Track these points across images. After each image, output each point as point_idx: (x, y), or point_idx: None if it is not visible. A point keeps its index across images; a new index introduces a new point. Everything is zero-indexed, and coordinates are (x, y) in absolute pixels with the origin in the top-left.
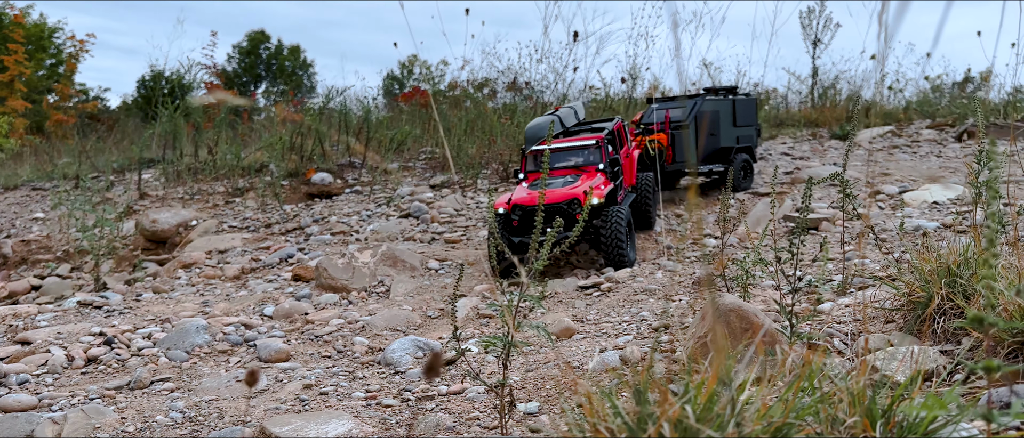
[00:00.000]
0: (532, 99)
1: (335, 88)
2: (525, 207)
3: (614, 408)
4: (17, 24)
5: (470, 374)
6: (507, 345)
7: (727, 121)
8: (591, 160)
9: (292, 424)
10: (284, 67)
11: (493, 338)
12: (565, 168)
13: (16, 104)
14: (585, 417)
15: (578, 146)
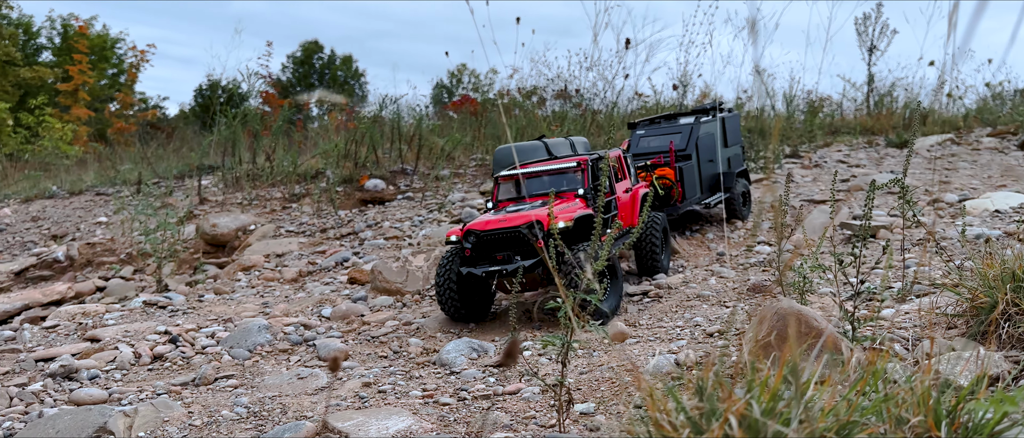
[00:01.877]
0: (582, 106)
1: (389, 96)
2: (479, 233)
3: (678, 404)
4: (81, 35)
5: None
6: (566, 345)
7: (720, 143)
8: (572, 185)
9: (353, 420)
10: (336, 77)
11: (552, 337)
12: (542, 195)
13: (80, 112)
14: (648, 414)
15: (556, 169)
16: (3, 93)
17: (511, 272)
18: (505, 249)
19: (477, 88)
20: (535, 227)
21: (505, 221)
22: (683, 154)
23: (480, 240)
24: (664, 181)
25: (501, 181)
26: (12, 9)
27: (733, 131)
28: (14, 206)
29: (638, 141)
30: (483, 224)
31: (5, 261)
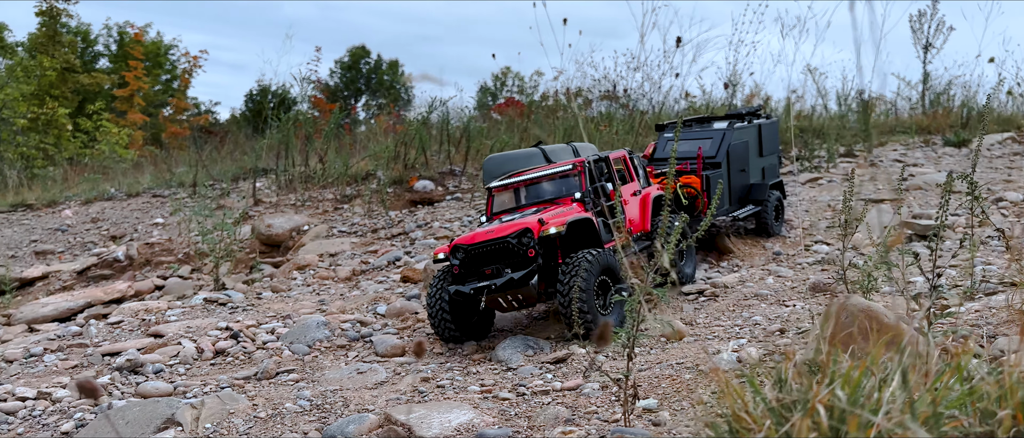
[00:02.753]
0: (628, 107)
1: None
2: (467, 248)
3: (758, 395)
4: (137, 42)
5: (589, 369)
6: (632, 338)
7: (754, 152)
8: (570, 190)
9: (415, 412)
10: (383, 81)
11: (617, 330)
12: (539, 203)
13: (135, 117)
14: (725, 406)
15: (552, 174)
16: (62, 99)
17: (500, 286)
18: (494, 262)
19: (522, 90)
20: (525, 236)
21: (493, 232)
22: (712, 161)
23: (468, 255)
24: (689, 190)
25: (495, 192)
26: (71, 17)
27: (770, 139)
28: (74, 208)
29: (664, 144)
30: (470, 238)
31: (67, 261)
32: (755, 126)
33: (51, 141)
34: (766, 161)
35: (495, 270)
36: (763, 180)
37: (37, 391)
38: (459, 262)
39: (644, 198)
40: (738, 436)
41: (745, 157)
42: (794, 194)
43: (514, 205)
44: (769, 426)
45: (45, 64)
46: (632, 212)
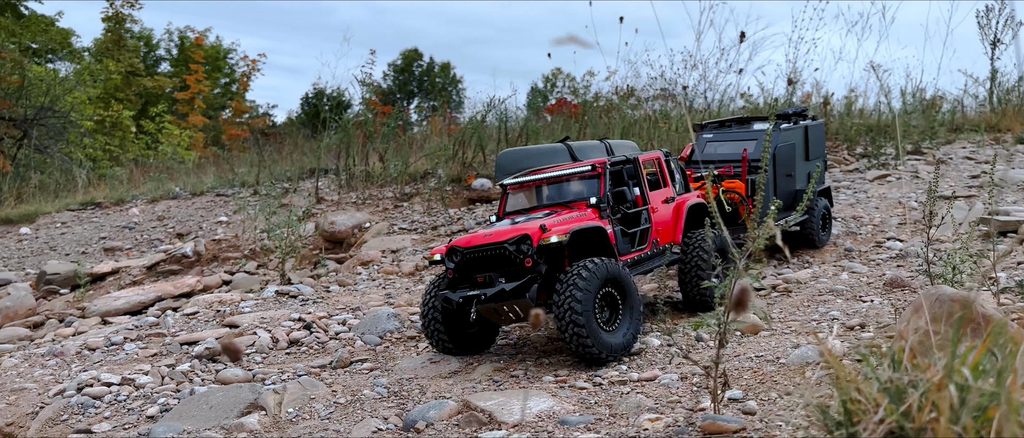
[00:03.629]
0: (687, 105)
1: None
2: (463, 251)
3: (873, 376)
4: (197, 46)
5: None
6: (723, 325)
7: (801, 154)
8: (591, 193)
9: (494, 399)
10: (435, 83)
11: (707, 317)
12: (557, 205)
13: (196, 120)
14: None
15: (569, 175)
16: (127, 102)
17: (490, 297)
18: (490, 269)
19: (574, 91)
20: (524, 243)
21: (491, 236)
22: (757, 165)
23: (464, 259)
24: (732, 195)
25: (510, 190)
26: (136, 23)
27: (816, 143)
28: (141, 206)
29: (704, 146)
30: (468, 240)
31: (135, 257)
32: (801, 128)
33: (116, 142)
34: (812, 166)
35: (487, 279)
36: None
37: (121, 377)
38: (454, 266)
39: (678, 206)
40: (852, 417)
41: (791, 161)
42: (863, 191)
43: (529, 206)
44: (887, 406)
45: (110, 68)
46: (662, 221)
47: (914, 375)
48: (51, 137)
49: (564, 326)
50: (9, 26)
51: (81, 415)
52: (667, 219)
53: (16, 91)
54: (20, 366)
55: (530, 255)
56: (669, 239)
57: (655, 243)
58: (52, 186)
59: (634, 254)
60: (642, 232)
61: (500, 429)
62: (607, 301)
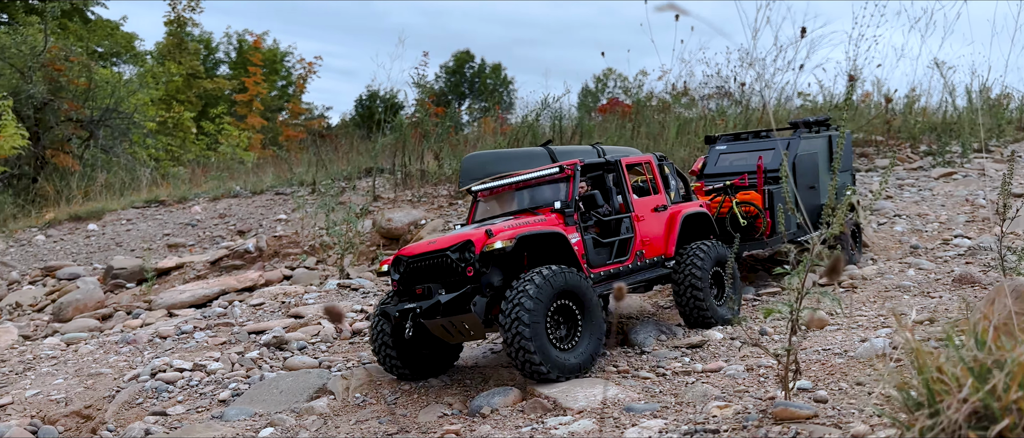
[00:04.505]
0: (742, 103)
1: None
2: (406, 260)
3: (957, 356)
4: (255, 49)
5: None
6: (795, 312)
7: (825, 165)
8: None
9: (557, 387)
10: (486, 85)
11: (779, 304)
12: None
13: (254, 121)
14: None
15: (534, 179)
16: (187, 103)
17: (426, 311)
18: (432, 280)
19: (626, 91)
20: (467, 250)
21: (435, 243)
22: (775, 176)
23: (408, 269)
24: (748, 208)
25: (481, 197)
26: (196, 26)
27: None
28: (203, 204)
29: (717, 159)
30: (412, 248)
31: (198, 253)
32: (824, 137)
33: (177, 143)
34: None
35: (426, 290)
36: None
37: (193, 363)
38: (399, 278)
39: (672, 216)
40: (935, 397)
41: (814, 172)
42: (928, 189)
43: (500, 212)
44: (972, 384)
45: (172, 71)
46: (650, 231)
47: (999, 354)
48: (116, 137)
49: (509, 340)
50: (77, 31)
51: (155, 398)
52: (657, 229)
53: (83, 93)
54: (95, 353)
55: (472, 263)
56: (659, 251)
57: (639, 255)
58: (117, 184)
59: (610, 267)
60: (622, 243)
61: (565, 415)
62: (564, 316)
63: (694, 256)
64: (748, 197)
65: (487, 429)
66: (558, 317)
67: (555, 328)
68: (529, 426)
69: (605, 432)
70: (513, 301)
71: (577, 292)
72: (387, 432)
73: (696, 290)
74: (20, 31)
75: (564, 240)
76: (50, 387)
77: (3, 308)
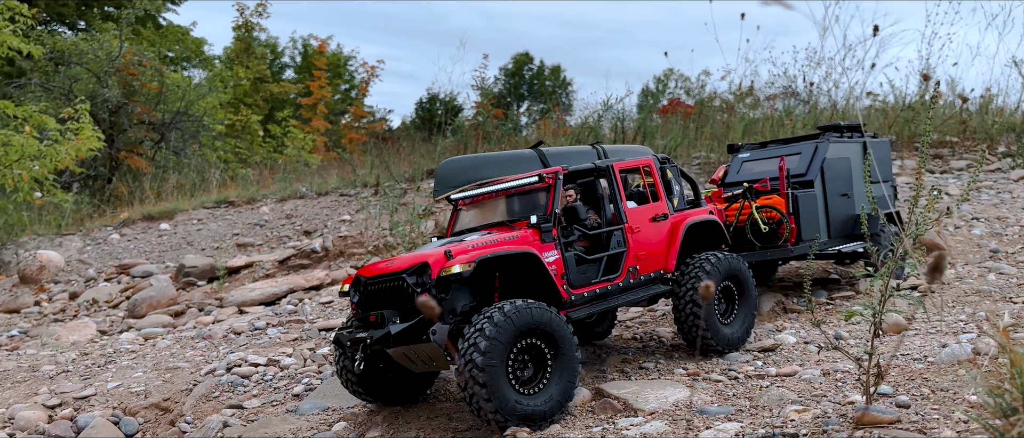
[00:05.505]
0: (809, 103)
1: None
2: (365, 281)
3: None
4: (320, 53)
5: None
6: (877, 314)
7: (860, 174)
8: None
9: (627, 388)
10: (545, 86)
11: (862, 306)
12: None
13: (319, 124)
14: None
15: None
16: (255, 107)
17: (377, 340)
18: (389, 305)
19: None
20: (424, 273)
21: (393, 264)
22: (801, 180)
23: (365, 291)
24: (769, 213)
25: (461, 206)
26: (263, 31)
27: (880, 163)
28: (270, 205)
29: (739, 167)
30: (372, 267)
31: (266, 252)
32: (859, 143)
33: (244, 145)
34: (876, 189)
35: (380, 318)
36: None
37: (267, 358)
38: (358, 300)
39: (674, 225)
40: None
41: (847, 178)
42: (1007, 192)
43: (481, 223)
44: None
45: (240, 74)
46: (646, 244)
47: None
48: (186, 140)
49: (462, 384)
50: (150, 36)
51: (231, 392)
52: (655, 241)
53: (155, 97)
54: (172, 347)
55: (428, 289)
56: (658, 265)
57: (633, 271)
58: (188, 185)
59: (597, 286)
60: (611, 258)
61: (636, 416)
62: (532, 355)
63: (699, 270)
64: (771, 201)
65: (557, 429)
66: (525, 356)
67: (521, 368)
68: (600, 426)
69: (678, 434)
70: (469, 340)
71: (546, 329)
72: (456, 428)
73: (696, 308)
74: (97, 38)
75: (537, 261)
76: (130, 380)
77: (81, 304)
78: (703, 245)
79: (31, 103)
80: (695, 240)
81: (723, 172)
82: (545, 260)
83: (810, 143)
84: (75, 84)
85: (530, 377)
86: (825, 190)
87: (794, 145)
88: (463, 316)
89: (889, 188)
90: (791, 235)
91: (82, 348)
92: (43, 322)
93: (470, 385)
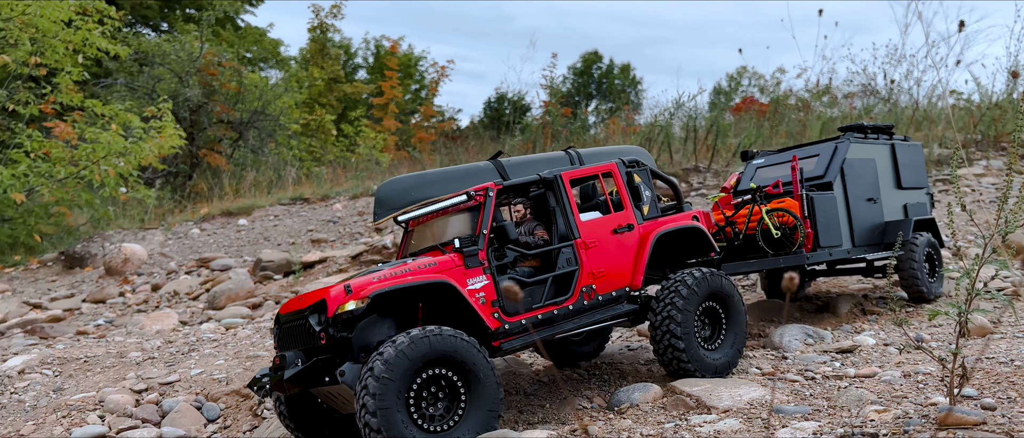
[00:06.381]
0: (889, 102)
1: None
2: (282, 318)
3: None
4: (392, 54)
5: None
6: (964, 315)
7: (888, 179)
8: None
9: (700, 386)
10: (614, 85)
11: (949, 305)
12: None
13: (390, 123)
14: None
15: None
16: (328, 107)
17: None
18: (295, 344)
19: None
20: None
21: (303, 300)
22: (819, 182)
23: (281, 329)
24: (782, 217)
25: (411, 226)
26: (337, 32)
27: (912, 168)
28: (343, 202)
29: (753, 173)
30: (288, 304)
31: (339, 248)
32: (887, 145)
33: (318, 144)
34: (909, 196)
35: (282, 360)
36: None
37: None
38: (277, 340)
39: (642, 237)
40: None
41: (873, 182)
42: None
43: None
44: None
45: (315, 75)
46: (604, 260)
47: None
48: (263, 138)
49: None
50: (229, 37)
51: None
52: (616, 256)
53: (234, 97)
54: (252, 337)
55: (324, 329)
56: (621, 283)
57: (588, 291)
58: (265, 182)
59: (541, 311)
60: (561, 278)
61: (710, 413)
62: (447, 388)
63: (675, 290)
64: (784, 204)
65: (628, 424)
66: (432, 389)
67: (431, 403)
68: (672, 423)
69: (753, 432)
70: (362, 380)
71: (456, 359)
72: (527, 420)
73: (672, 326)
74: (179, 39)
75: (456, 293)
76: (212, 367)
77: (162, 295)
78: (687, 255)
79: (117, 102)
80: (676, 251)
81: (736, 179)
82: (469, 287)
83: (829, 144)
84: (158, 84)
85: (440, 413)
86: (846, 193)
87: (813, 147)
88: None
89: (924, 195)
90: (807, 241)
91: (166, 336)
92: (127, 312)
93: (365, 429)
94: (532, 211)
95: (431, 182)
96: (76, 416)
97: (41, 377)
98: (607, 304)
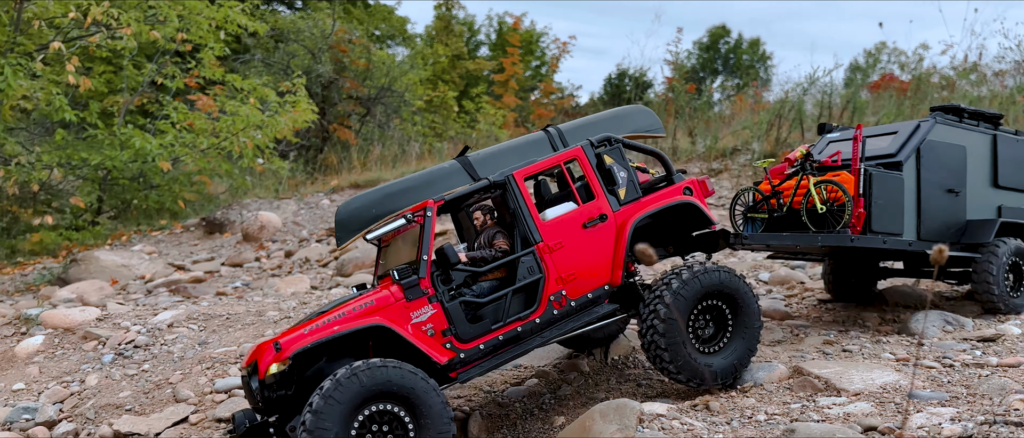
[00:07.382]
0: None
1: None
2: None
3: None
4: (514, 30)
5: None
6: None
7: (982, 172)
8: None
9: (829, 368)
10: (742, 61)
11: None
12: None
13: (509, 100)
14: None
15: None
16: (451, 83)
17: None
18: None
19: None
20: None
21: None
22: (888, 161)
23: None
24: (831, 190)
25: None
26: (462, 9)
27: (1017, 165)
28: None
29: (824, 147)
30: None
31: None
32: (987, 135)
33: (440, 120)
34: (1008, 196)
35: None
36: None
37: None
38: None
39: (619, 227)
40: None
41: (958, 172)
42: None
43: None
44: None
45: (439, 52)
46: (574, 260)
47: None
48: (388, 114)
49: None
50: (359, 15)
51: None
52: (589, 252)
53: (363, 73)
54: None
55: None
56: (598, 282)
57: (558, 299)
58: (390, 157)
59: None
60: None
61: (839, 395)
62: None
63: (659, 296)
64: (839, 178)
65: (751, 402)
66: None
67: None
68: (799, 403)
69: (886, 416)
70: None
71: (399, 392)
72: (645, 393)
73: (656, 334)
74: (312, 16)
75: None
76: None
77: (294, 261)
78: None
79: (254, 77)
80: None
81: (805, 150)
82: (415, 320)
83: (911, 123)
84: (292, 60)
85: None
86: (920, 178)
87: (895, 125)
88: None
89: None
90: (856, 221)
91: (301, 298)
92: (262, 276)
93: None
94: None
95: (392, 195)
96: (219, 368)
97: (187, 331)
98: (582, 308)
